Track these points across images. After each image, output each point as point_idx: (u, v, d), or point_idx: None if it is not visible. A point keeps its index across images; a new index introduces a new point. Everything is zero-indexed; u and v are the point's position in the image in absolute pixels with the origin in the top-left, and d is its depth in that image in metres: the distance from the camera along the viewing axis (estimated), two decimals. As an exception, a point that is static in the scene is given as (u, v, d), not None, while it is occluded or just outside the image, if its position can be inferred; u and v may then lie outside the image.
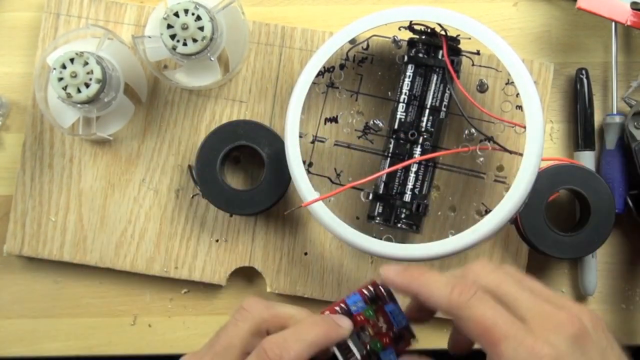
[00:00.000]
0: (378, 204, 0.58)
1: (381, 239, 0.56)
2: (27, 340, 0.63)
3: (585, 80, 0.63)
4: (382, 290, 0.46)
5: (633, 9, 0.60)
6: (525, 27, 0.65)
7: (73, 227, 0.62)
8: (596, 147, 0.64)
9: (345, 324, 0.45)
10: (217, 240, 0.62)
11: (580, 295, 0.63)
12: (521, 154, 0.54)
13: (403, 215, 0.57)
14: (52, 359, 0.64)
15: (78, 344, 0.63)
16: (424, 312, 0.47)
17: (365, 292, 0.46)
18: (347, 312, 0.46)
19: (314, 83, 0.57)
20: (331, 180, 0.61)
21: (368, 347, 0.46)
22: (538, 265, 0.63)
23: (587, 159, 0.63)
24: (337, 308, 0.46)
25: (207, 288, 0.63)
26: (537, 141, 0.53)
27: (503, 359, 0.38)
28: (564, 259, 0.63)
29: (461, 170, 0.59)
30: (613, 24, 0.62)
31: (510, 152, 0.57)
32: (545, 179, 0.58)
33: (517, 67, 0.54)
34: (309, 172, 0.57)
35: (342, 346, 0.45)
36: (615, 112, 0.63)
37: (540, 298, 0.41)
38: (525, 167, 0.53)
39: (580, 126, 0.63)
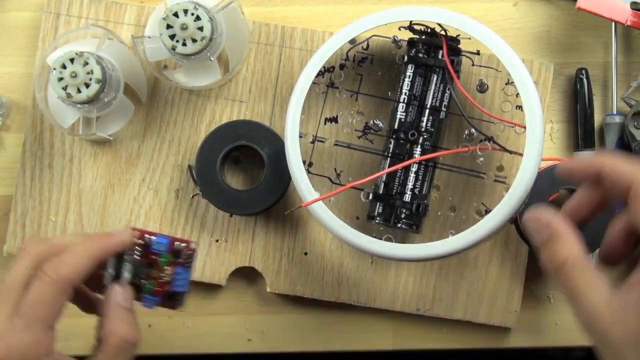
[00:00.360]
0: (378, 204, 0.58)
1: (381, 239, 0.55)
2: (27, 340, 0.63)
3: (585, 80, 0.63)
4: (186, 253, 0.49)
5: (633, 9, 0.60)
6: (525, 27, 0.65)
7: (73, 227, 0.62)
8: (596, 147, 0.64)
9: (123, 236, 0.48)
10: (217, 240, 0.62)
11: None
12: (521, 154, 0.54)
13: (403, 215, 0.57)
14: (52, 359, 0.64)
15: (78, 344, 0.63)
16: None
17: (176, 243, 0.48)
18: (146, 245, 0.48)
19: (314, 83, 0.57)
20: (331, 180, 0.61)
21: (140, 281, 0.48)
22: (538, 265, 0.63)
23: (586, 159, 0.63)
24: (140, 234, 0.48)
25: (207, 288, 0.63)
26: (537, 141, 0.53)
27: None
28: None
29: (461, 170, 0.59)
30: (613, 23, 0.62)
31: (510, 152, 0.57)
32: (545, 179, 0.58)
33: (517, 67, 0.54)
34: (309, 172, 0.57)
35: (119, 262, 0.48)
36: (615, 112, 0.63)
37: None
38: (525, 167, 0.53)
39: (580, 126, 0.63)
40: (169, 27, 0.57)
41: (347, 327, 0.63)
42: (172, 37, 0.57)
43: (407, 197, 0.57)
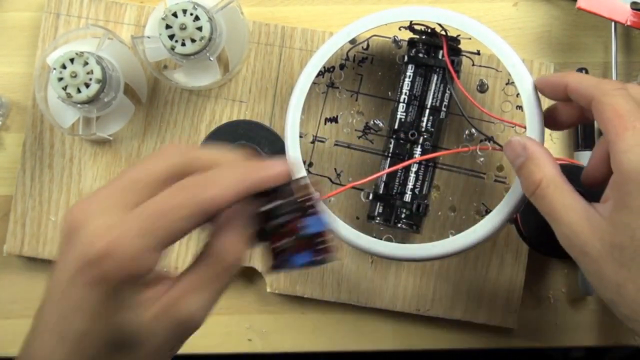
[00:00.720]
0: (378, 204, 0.58)
1: (381, 239, 0.56)
2: (27, 340, 0.63)
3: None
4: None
5: (633, 9, 0.60)
6: (525, 27, 0.65)
7: (73, 227, 0.62)
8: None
9: (280, 169, 0.41)
10: (217, 240, 0.62)
11: (579, 296, 0.63)
12: None
13: (403, 215, 0.57)
14: (52, 359, 0.64)
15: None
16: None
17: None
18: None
19: (314, 83, 0.57)
20: (331, 180, 0.61)
21: (296, 234, 0.41)
22: (538, 265, 0.63)
23: (587, 159, 0.62)
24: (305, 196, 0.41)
25: (207, 288, 0.63)
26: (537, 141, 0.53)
27: (623, 144, 0.41)
28: (564, 259, 0.63)
29: (461, 170, 0.59)
30: (613, 23, 0.62)
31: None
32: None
33: (517, 67, 0.54)
34: (309, 172, 0.57)
35: (278, 206, 0.41)
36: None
37: None
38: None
39: (580, 126, 0.63)
40: (168, 27, 0.57)
41: (347, 327, 0.63)
42: (171, 37, 0.57)
43: (408, 197, 0.57)
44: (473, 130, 0.58)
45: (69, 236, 0.38)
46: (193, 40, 0.57)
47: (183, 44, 0.57)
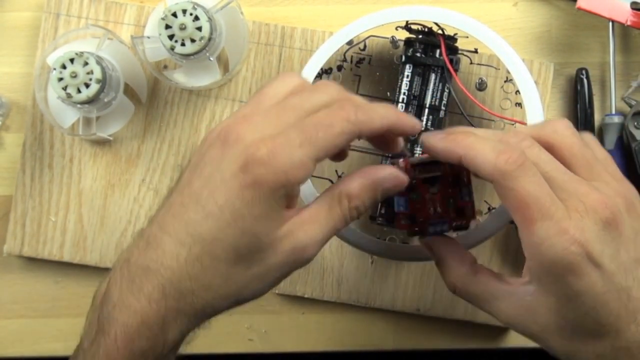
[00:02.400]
0: (380, 204, 0.58)
1: (384, 239, 0.56)
2: (27, 340, 0.63)
3: (585, 80, 0.63)
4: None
5: (633, 9, 0.60)
6: (525, 27, 0.65)
7: (73, 227, 0.62)
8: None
9: (417, 123, 0.44)
10: (217, 240, 0.62)
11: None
12: None
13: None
14: (52, 359, 0.64)
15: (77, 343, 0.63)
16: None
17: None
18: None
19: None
20: (332, 182, 0.61)
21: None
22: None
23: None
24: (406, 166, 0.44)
25: (207, 288, 0.63)
26: None
27: (534, 237, 0.39)
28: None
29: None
30: (610, 23, 0.62)
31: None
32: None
33: (515, 64, 0.55)
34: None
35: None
36: (614, 112, 0.62)
37: (586, 172, 0.42)
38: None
39: (580, 126, 0.63)
40: (167, 27, 0.57)
41: (347, 327, 0.63)
42: (170, 37, 0.57)
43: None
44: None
45: (227, 142, 0.39)
46: (193, 40, 0.57)
47: (183, 44, 0.57)
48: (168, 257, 0.39)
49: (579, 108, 0.63)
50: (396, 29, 0.58)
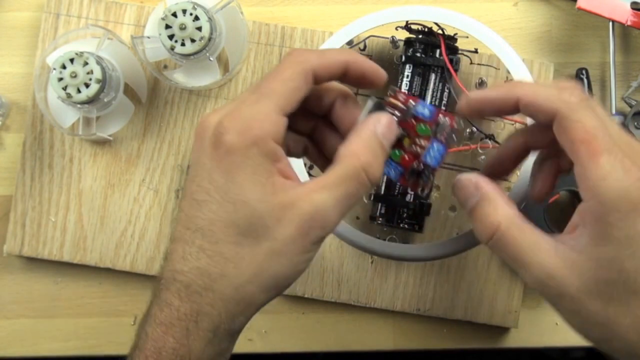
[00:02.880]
0: (380, 204, 0.58)
1: (384, 239, 0.56)
2: (27, 340, 0.63)
3: (585, 80, 0.63)
4: (447, 129, 0.42)
5: (633, 9, 0.60)
6: (525, 27, 0.65)
7: (73, 227, 0.62)
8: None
9: (380, 72, 0.42)
10: (217, 240, 0.62)
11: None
12: None
13: (405, 215, 0.57)
14: (52, 359, 0.64)
15: (78, 344, 0.63)
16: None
17: (440, 116, 0.42)
18: (406, 110, 0.42)
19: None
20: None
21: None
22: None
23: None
24: (404, 98, 0.42)
25: (207, 288, 0.63)
26: None
27: (600, 170, 0.37)
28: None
29: (462, 169, 0.59)
30: (611, 23, 0.62)
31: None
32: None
33: (515, 64, 0.55)
34: (309, 174, 0.57)
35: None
36: (614, 112, 0.62)
37: (624, 131, 0.40)
38: (527, 164, 0.53)
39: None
40: (167, 27, 0.57)
41: (347, 327, 0.63)
42: (170, 37, 0.57)
43: (410, 197, 0.57)
44: (473, 128, 0.58)
45: (198, 135, 0.39)
46: (193, 40, 0.57)
47: (183, 44, 0.57)
48: (177, 260, 0.38)
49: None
50: (396, 29, 0.58)
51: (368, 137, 0.40)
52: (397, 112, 0.42)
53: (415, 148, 0.43)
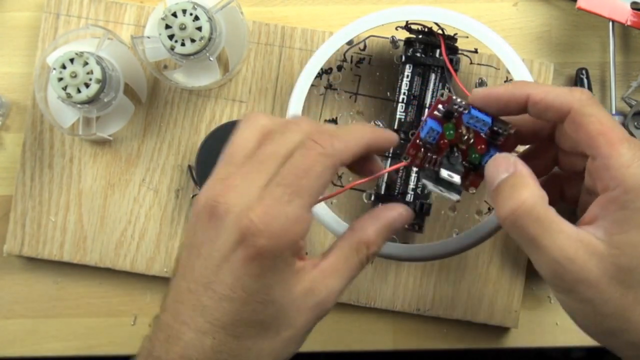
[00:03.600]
0: (380, 204, 0.58)
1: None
2: (27, 340, 0.63)
3: (585, 80, 0.63)
4: (453, 103, 0.43)
5: (633, 9, 0.60)
6: (525, 27, 0.65)
7: (73, 227, 0.62)
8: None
9: (392, 135, 0.44)
10: (217, 240, 0.62)
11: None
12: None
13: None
14: (52, 359, 0.64)
15: (78, 344, 0.63)
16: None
17: (437, 114, 0.44)
18: (428, 144, 0.44)
19: (312, 85, 0.57)
20: (332, 182, 0.60)
21: (466, 163, 0.44)
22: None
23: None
24: (412, 147, 0.45)
25: (207, 288, 0.63)
26: None
27: (624, 158, 0.37)
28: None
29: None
30: (610, 23, 0.62)
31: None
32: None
33: (515, 64, 0.55)
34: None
35: (439, 177, 0.44)
36: (614, 112, 0.62)
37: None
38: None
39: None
40: (167, 27, 0.57)
41: (347, 327, 0.63)
42: (170, 37, 0.57)
43: (410, 197, 0.57)
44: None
45: (215, 216, 0.38)
46: (193, 40, 0.57)
47: (183, 44, 0.57)
48: (192, 349, 0.38)
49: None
50: (396, 29, 0.58)
51: (383, 226, 0.43)
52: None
53: (467, 138, 0.44)
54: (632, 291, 0.37)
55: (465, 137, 0.43)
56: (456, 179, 0.44)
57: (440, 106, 0.44)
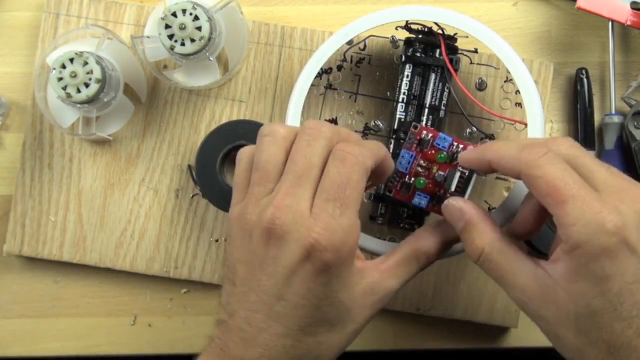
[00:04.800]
0: (380, 204, 0.58)
1: (384, 239, 0.56)
2: (27, 340, 0.63)
3: (585, 80, 0.63)
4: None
5: (633, 9, 0.60)
6: (525, 27, 0.65)
7: (73, 227, 0.62)
8: (596, 147, 0.63)
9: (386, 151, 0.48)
10: (217, 241, 0.62)
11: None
12: None
13: (405, 216, 0.57)
14: (52, 359, 0.64)
15: (78, 344, 0.63)
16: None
17: (456, 144, 0.51)
18: (424, 142, 0.51)
19: (312, 85, 0.57)
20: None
21: (410, 179, 0.51)
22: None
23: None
24: (420, 130, 0.51)
25: (207, 288, 0.63)
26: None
27: (568, 218, 0.39)
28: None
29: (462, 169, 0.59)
30: (610, 23, 0.62)
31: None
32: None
33: (515, 64, 0.55)
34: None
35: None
36: (614, 112, 0.62)
37: (618, 176, 0.42)
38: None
39: (580, 126, 0.63)
40: (167, 27, 0.57)
41: (347, 327, 0.63)
42: (170, 37, 0.57)
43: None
44: (474, 129, 0.58)
45: (274, 237, 0.42)
46: (193, 40, 0.57)
47: (183, 44, 0.57)
48: (274, 349, 0.43)
49: (579, 108, 0.63)
50: (396, 29, 0.58)
51: (446, 240, 0.48)
52: (415, 146, 0.50)
53: (436, 176, 0.50)
54: (583, 335, 0.40)
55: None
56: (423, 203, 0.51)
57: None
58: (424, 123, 0.57)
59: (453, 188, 0.49)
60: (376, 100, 0.61)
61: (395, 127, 0.57)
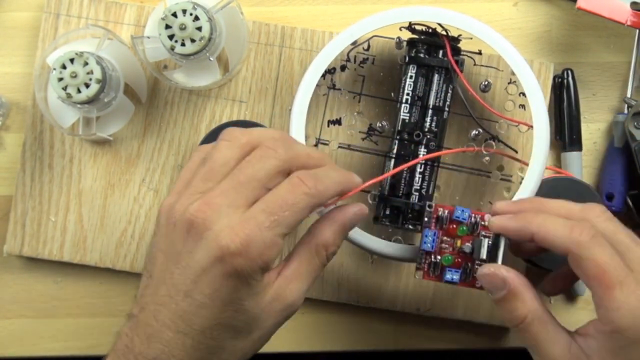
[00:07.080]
0: (384, 205, 0.57)
1: (388, 239, 0.56)
2: (27, 340, 0.63)
3: (571, 81, 0.63)
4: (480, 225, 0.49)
5: (633, 9, 0.60)
6: (525, 27, 0.65)
7: (73, 227, 0.62)
8: (599, 145, 0.63)
9: (357, 180, 0.49)
10: (217, 241, 0.62)
11: (571, 295, 0.63)
12: (526, 163, 0.55)
13: (410, 216, 0.57)
14: (52, 359, 0.64)
15: (78, 344, 0.63)
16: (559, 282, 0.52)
17: (474, 215, 0.49)
18: (445, 218, 0.49)
19: (315, 85, 0.57)
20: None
21: (437, 258, 0.50)
22: (538, 266, 0.63)
23: (574, 161, 0.62)
24: (437, 208, 0.50)
25: (207, 288, 0.63)
26: (543, 140, 0.55)
27: (615, 302, 0.41)
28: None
29: (465, 170, 0.59)
30: (638, 31, 0.62)
31: (515, 154, 0.57)
32: (548, 189, 0.57)
33: (520, 66, 0.55)
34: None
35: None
36: (626, 111, 0.62)
37: None
38: (533, 166, 0.54)
39: (566, 127, 0.63)
40: (167, 27, 0.57)
41: (348, 327, 0.63)
42: (170, 37, 0.57)
43: (415, 198, 0.57)
44: (479, 130, 0.58)
45: (194, 231, 0.42)
46: (193, 40, 0.57)
47: (183, 44, 0.57)
48: (175, 348, 0.42)
49: (565, 108, 0.63)
50: (400, 29, 0.58)
51: (340, 226, 0.47)
52: (436, 222, 0.50)
53: (463, 247, 0.49)
54: None
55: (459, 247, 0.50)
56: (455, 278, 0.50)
57: (478, 216, 0.50)
58: (428, 124, 0.57)
59: (484, 256, 0.48)
60: (379, 100, 0.61)
61: (399, 127, 0.57)
